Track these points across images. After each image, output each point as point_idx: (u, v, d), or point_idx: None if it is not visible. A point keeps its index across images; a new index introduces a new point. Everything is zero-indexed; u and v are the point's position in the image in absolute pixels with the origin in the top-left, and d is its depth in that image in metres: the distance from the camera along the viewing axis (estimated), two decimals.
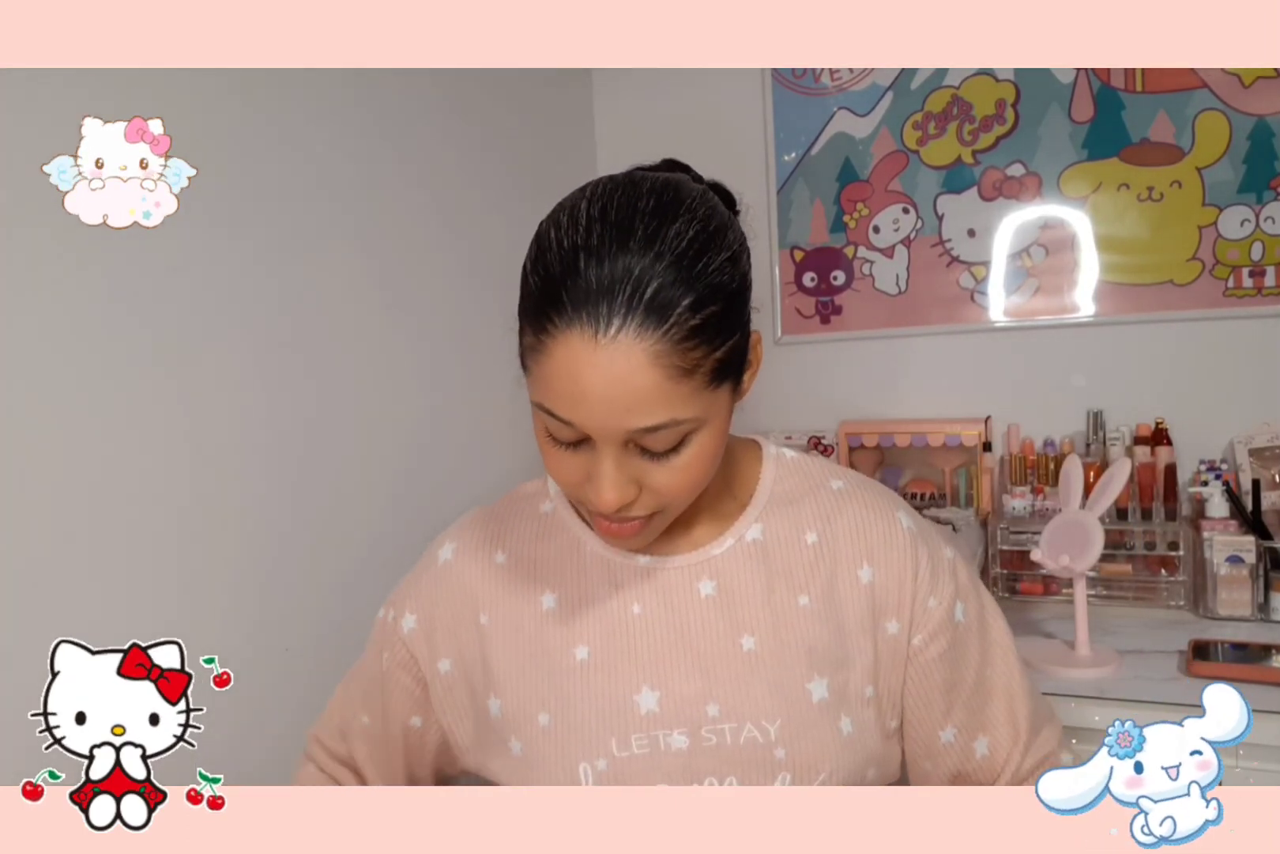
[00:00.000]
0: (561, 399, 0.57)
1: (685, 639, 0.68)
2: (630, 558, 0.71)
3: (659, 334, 0.55)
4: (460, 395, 1.43)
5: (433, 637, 0.74)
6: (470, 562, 0.74)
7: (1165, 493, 1.49)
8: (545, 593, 0.72)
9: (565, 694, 0.68)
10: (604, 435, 0.57)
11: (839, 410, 1.76)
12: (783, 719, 0.66)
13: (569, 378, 0.56)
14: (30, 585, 0.83)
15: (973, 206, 1.66)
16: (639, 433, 0.57)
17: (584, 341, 0.55)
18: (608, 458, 0.58)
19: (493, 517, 0.77)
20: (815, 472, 0.76)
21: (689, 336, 0.56)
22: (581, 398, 0.56)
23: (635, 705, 0.67)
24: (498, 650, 0.71)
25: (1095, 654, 1.21)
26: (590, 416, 0.56)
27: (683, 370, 0.56)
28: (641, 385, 0.55)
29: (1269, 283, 1.50)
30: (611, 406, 0.55)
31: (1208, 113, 1.50)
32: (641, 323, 0.55)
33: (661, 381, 0.55)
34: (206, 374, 1.01)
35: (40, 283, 0.84)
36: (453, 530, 0.78)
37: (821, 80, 1.74)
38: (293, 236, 1.13)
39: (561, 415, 0.57)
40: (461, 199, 1.46)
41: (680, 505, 0.64)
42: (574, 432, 0.58)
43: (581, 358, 0.55)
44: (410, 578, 0.78)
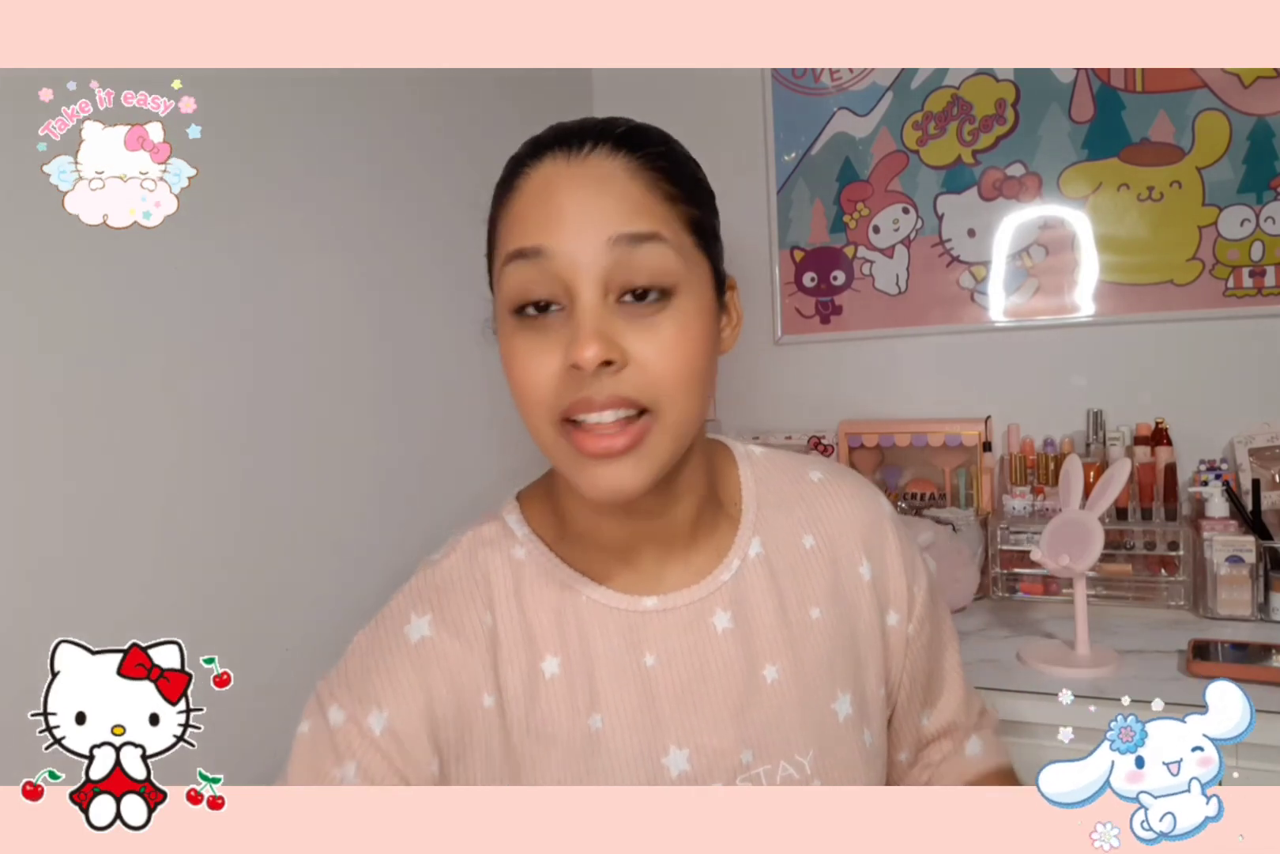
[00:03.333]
0: (535, 223, 0.53)
1: (707, 684, 0.63)
2: (634, 602, 0.63)
3: (635, 155, 0.54)
4: (461, 396, 1.43)
5: (436, 734, 0.59)
6: (456, 636, 0.61)
7: (1165, 493, 1.49)
8: (546, 658, 0.62)
9: (588, 772, 0.61)
10: (583, 259, 0.52)
11: (839, 410, 1.76)
12: (815, 749, 0.64)
13: (544, 199, 0.53)
14: (30, 585, 0.83)
15: (973, 206, 1.66)
16: (622, 247, 0.52)
17: (556, 164, 0.54)
18: (586, 305, 0.52)
19: (457, 574, 0.64)
20: (790, 465, 0.72)
21: (663, 168, 0.55)
22: (561, 213, 0.52)
23: (665, 769, 0.61)
24: (513, 735, 0.61)
25: (1095, 654, 1.20)
26: (569, 233, 0.52)
27: (665, 193, 0.54)
28: (621, 191, 0.53)
29: (1269, 283, 1.49)
30: (591, 216, 0.52)
31: (1208, 113, 1.50)
32: (615, 145, 0.54)
33: (642, 194, 0.54)
34: (207, 374, 1.01)
35: (40, 282, 0.84)
36: (411, 598, 0.64)
37: (821, 80, 1.74)
38: (292, 237, 1.13)
39: (534, 242, 0.53)
40: (462, 199, 1.46)
41: (675, 415, 0.55)
42: (546, 282, 0.53)
43: (558, 176, 0.53)
44: (357, 667, 0.61)
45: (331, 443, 1.18)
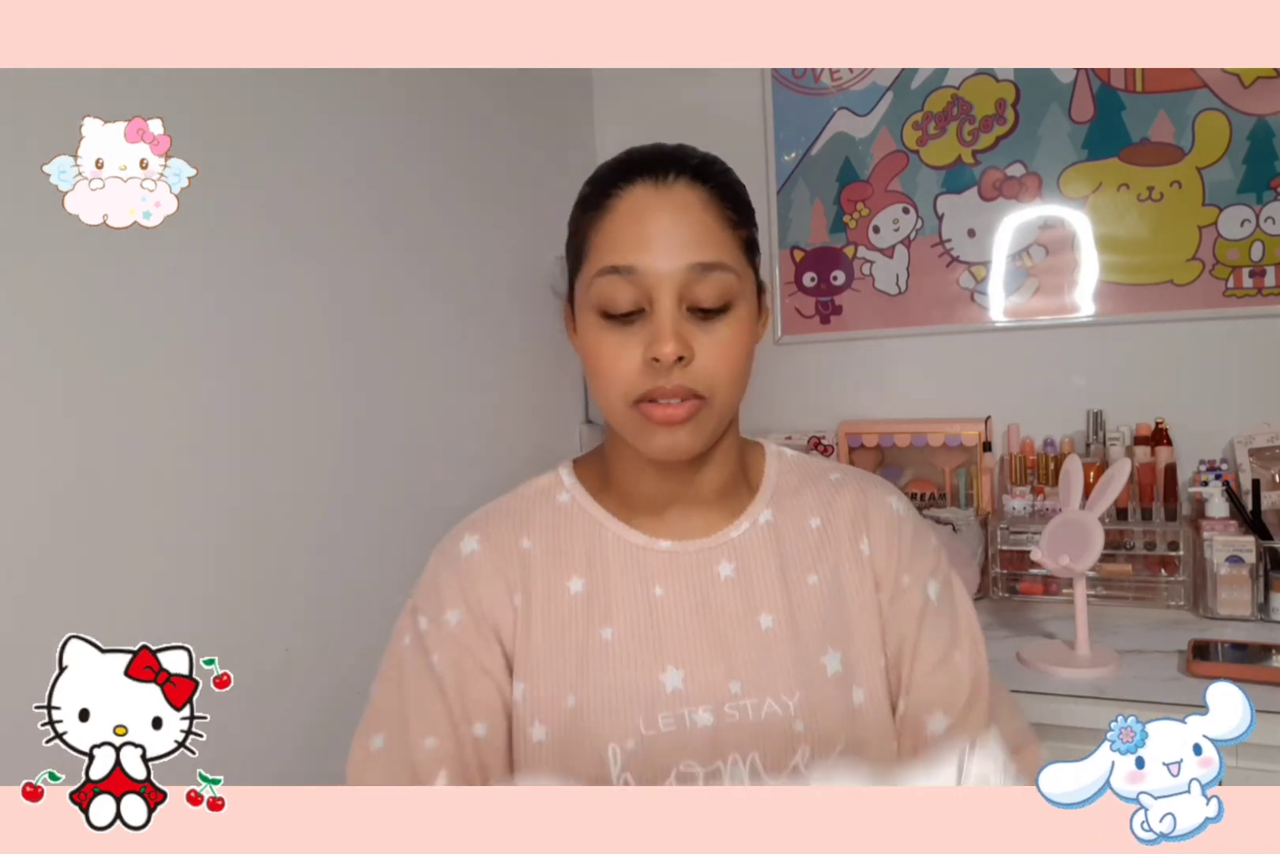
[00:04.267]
0: (628, 244, 0.64)
1: (707, 619, 0.71)
2: (651, 542, 0.73)
3: (707, 186, 0.66)
4: (462, 397, 1.43)
5: (480, 625, 0.71)
6: (497, 549, 0.74)
7: (1165, 493, 1.49)
8: (572, 578, 0.73)
9: (593, 676, 0.69)
10: (666, 278, 0.63)
11: (839, 410, 1.76)
12: (801, 693, 0.69)
13: (635, 221, 0.64)
14: (34, 583, 0.83)
15: (973, 206, 1.66)
16: (696, 272, 0.63)
17: (647, 190, 0.65)
18: (666, 312, 0.64)
19: (509, 508, 0.77)
20: (814, 467, 0.81)
21: (727, 196, 0.67)
22: (649, 238, 0.64)
23: (661, 685, 0.69)
24: (532, 632, 0.71)
25: (1095, 654, 1.21)
26: (656, 255, 0.63)
27: (729, 221, 0.66)
28: (699, 221, 0.65)
29: (1269, 283, 1.50)
30: (674, 241, 0.64)
31: (1208, 113, 1.50)
32: (693, 177, 0.66)
33: (714, 223, 0.65)
34: (208, 374, 1.01)
35: (40, 283, 0.84)
36: (468, 525, 0.77)
37: (821, 80, 1.74)
38: (291, 237, 1.13)
39: (628, 261, 0.64)
40: (461, 199, 1.46)
41: (722, 400, 0.67)
42: (632, 292, 0.64)
43: (647, 202, 0.65)
44: (427, 582, 0.75)
45: (332, 443, 1.18)
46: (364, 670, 1.26)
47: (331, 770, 0.71)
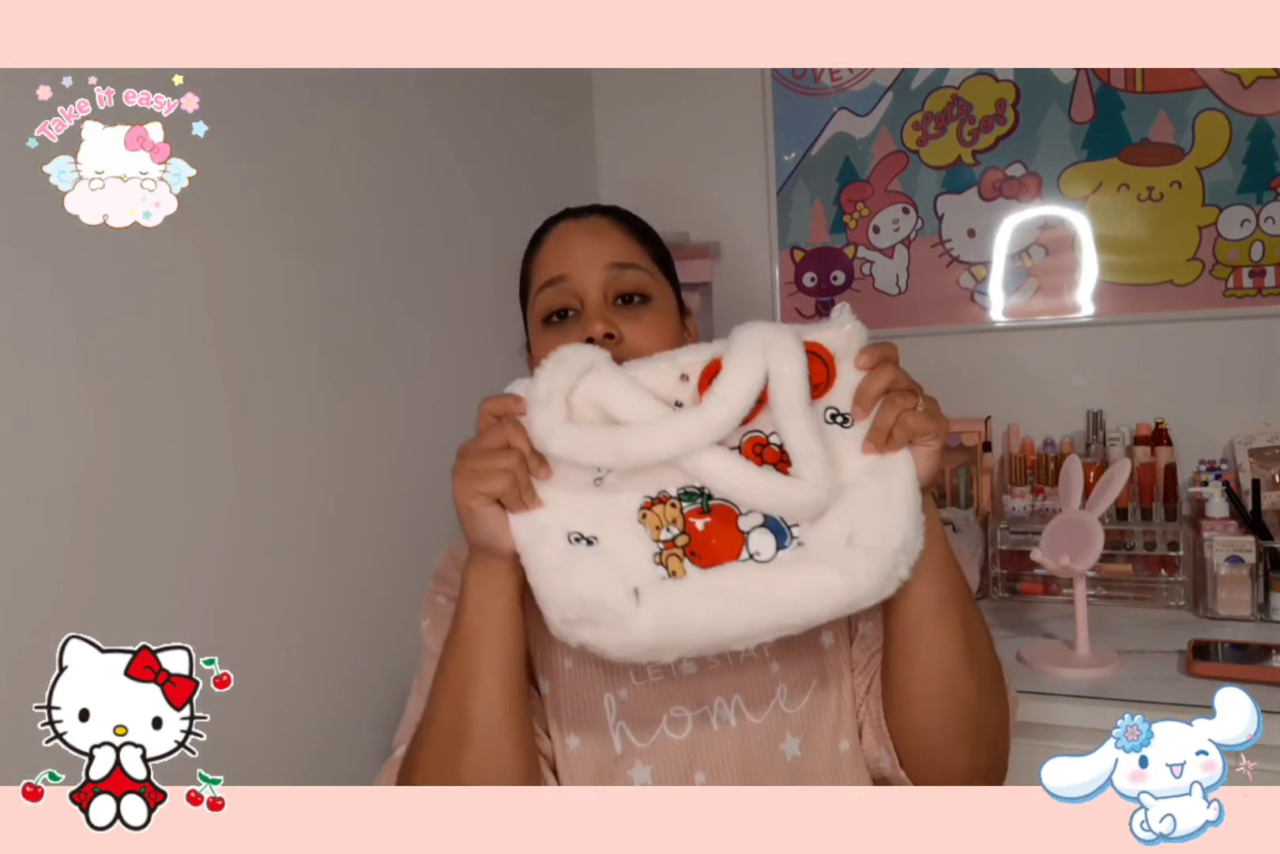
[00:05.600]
0: (557, 261, 0.75)
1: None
2: None
3: (618, 216, 0.78)
4: (462, 398, 1.43)
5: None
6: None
7: (1165, 493, 1.49)
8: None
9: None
10: (590, 276, 0.73)
11: None
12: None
13: (560, 244, 0.76)
14: (34, 583, 0.83)
15: (973, 207, 1.66)
16: (615, 269, 0.73)
17: (568, 222, 0.78)
18: (593, 303, 0.73)
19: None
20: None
21: (635, 222, 0.79)
22: (572, 252, 0.75)
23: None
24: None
25: (1095, 654, 1.20)
26: (580, 264, 0.74)
27: (638, 238, 0.77)
28: (613, 238, 0.76)
29: (1269, 283, 1.49)
30: (593, 251, 0.74)
31: (1208, 113, 1.50)
32: (605, 212, 0.78)
33: (625, 239, 0.76)
34: (207, 374, 1.01)
35: (40, 283, 0.84)
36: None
37: (821, 80, 1.74)
38: (291, 239, 1.13)
39: (558, 273, 0.74)
40: (461, 199, 1.46)
41: None
42: (566, 297, 0.73)
43: (569, 228, 0.77)
44: (447, 560, 0.82)
45: (333, 444, 1.18)
46: (364, 670, 1.26)
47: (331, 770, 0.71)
